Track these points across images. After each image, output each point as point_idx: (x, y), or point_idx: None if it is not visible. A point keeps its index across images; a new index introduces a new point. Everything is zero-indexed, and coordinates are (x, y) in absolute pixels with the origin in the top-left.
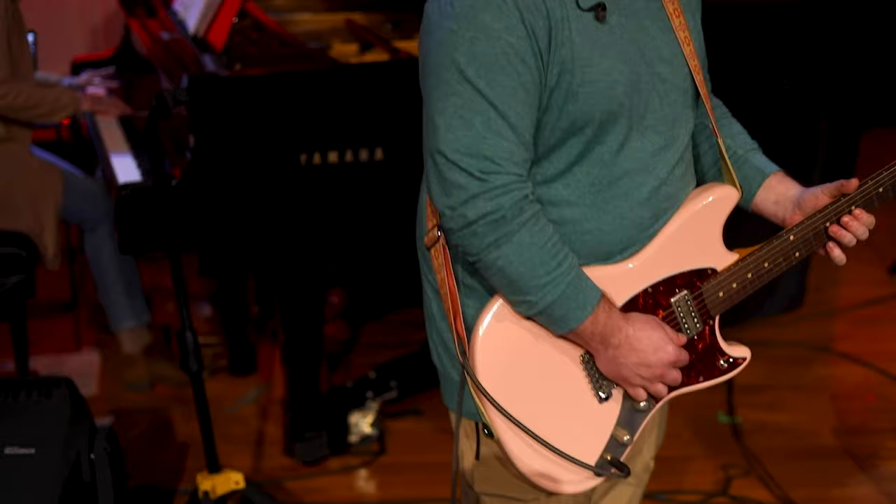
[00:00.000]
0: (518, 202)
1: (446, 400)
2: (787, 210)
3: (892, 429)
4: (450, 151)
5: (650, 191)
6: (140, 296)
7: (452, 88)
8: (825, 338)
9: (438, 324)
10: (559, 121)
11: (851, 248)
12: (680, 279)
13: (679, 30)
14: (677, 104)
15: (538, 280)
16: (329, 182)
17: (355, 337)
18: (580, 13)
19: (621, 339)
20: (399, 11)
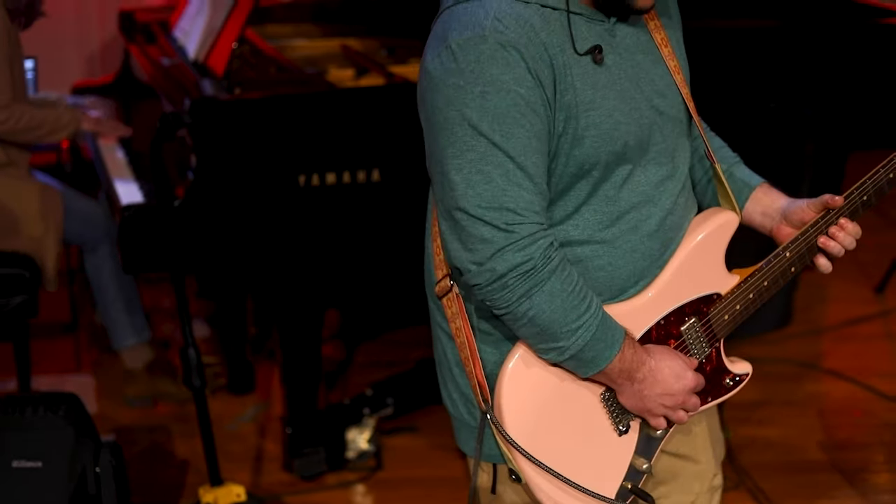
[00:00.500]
0: (546, 250)
1: (461, 445)
2: (774, 221)
3: (878, 443)
4: (471, 207)
5: (658, 222)
6: (140, 313)
7: (467, 144)
8: (813, 355)
9: (453, 370)
10: (567, 166)
11: (838, 264)
12: (688, 308)
13: (668, 59)
14: (675, 134)
15: (570, 325)
16: (327, 203)
17: (351, 357)
18: (579, 58)
19: (645, 373)
20: (394, 37)
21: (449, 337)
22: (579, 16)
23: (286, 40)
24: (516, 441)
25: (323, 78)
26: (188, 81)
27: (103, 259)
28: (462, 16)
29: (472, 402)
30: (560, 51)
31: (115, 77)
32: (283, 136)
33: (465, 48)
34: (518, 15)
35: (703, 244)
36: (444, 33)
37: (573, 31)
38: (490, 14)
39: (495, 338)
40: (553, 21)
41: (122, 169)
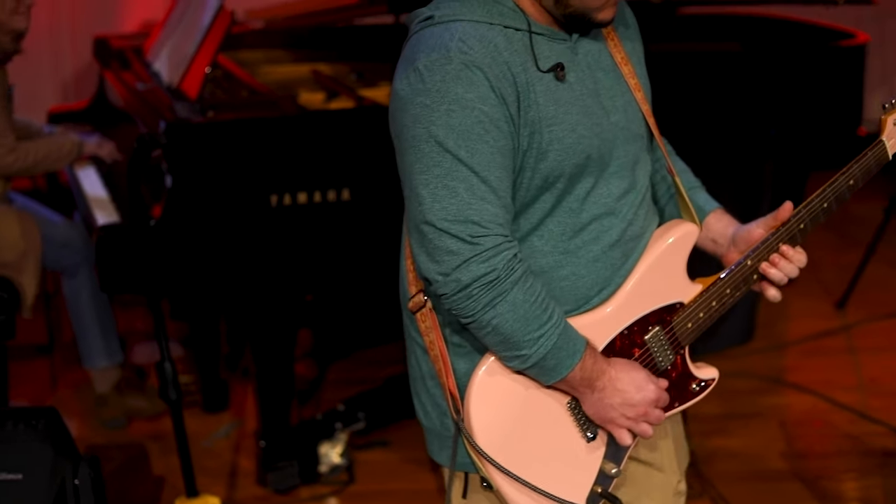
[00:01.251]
0: (509, 262)
1: (434, 455)
2: (724, 248)
3: (837, 452)
4: (438, 220)
5: (619, 233)
6: (115, 337)
7: (434, 160)
8: (776, 369)
9: (427, 382)
10: (533, 179)
11: (800, 282)
12: (652, 317)
13: (629, 77)
14: (636, 149)
15: (532, 334)
16: (299, 222)
17: (323, 374)
18: (541, 75)
19: (605, 382)
20: (363, 61)
21: (423, 350)
22: (541, 35)
23: (258, 66)
24: (486, 450)
25: (294, 101)
26: (162, 105)
27: (81, 283)
28: (429, 39)
29: (446, 413)
30: (523, 69)
31: (91, 102)
32: (256, 158)
33: (431, 69)
34: (482, 36)
35: (664, 255)
36: (413, 55)
37: (535, 50)
38: (455, 36)
39: (467, 350)
40: (516, 41)
41: (98, 190)
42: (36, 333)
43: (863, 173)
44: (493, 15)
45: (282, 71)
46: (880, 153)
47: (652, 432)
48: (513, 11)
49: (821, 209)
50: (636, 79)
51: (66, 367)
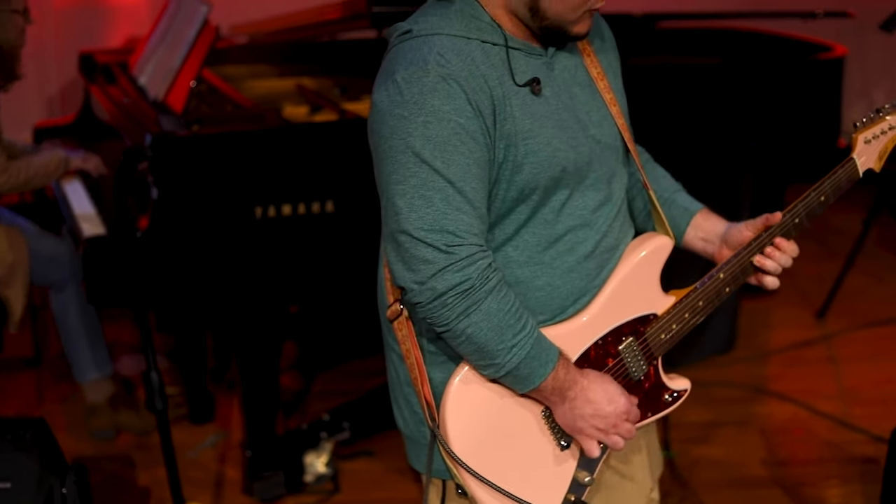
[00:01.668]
0: (484, 271)
1: (412, 462)
2: (714, 246)
3: (818, 460)
4: (414, 229)
5: (593, 244)
6: (103, 349)
7: (410, 171)
8: (757, 378)
9: (404, 389)
10: (508, 191)
11: (781, 291)
12: (625, 328)
13: (604, 92)
14: (612, 161)
15: (505, 343)
16: (283, 233)
17: (308, 386)
18: (517, 89)
19: (577, 392)
20: (346, 76)
21: (400, 358)
22: (518, 50)
23: (243, 80)
24: (461, 457)
25: (278, 114)
26: (148, 119)
27: (69, 298)
28: (408, 52)
29: (422, 420)
30: (499, 83)
31: (77, 117)
32: (240, 170)
33: (409, 81)
34: (460, 50)
35: (638, 267)
36: (391, 68)
37: (512, 65)
38: (433, 50)
39: (443, 359)
40: (493, 55)
41: (85, 203)
42: (23, 347)
43: (834, 190)
44: (470, 30)
45: (266, 85)
46: (851, 171)
47: (622, 444)
48: (490, 26)
49: (792, 224)
50: (612, 93)
51: (53, 380)
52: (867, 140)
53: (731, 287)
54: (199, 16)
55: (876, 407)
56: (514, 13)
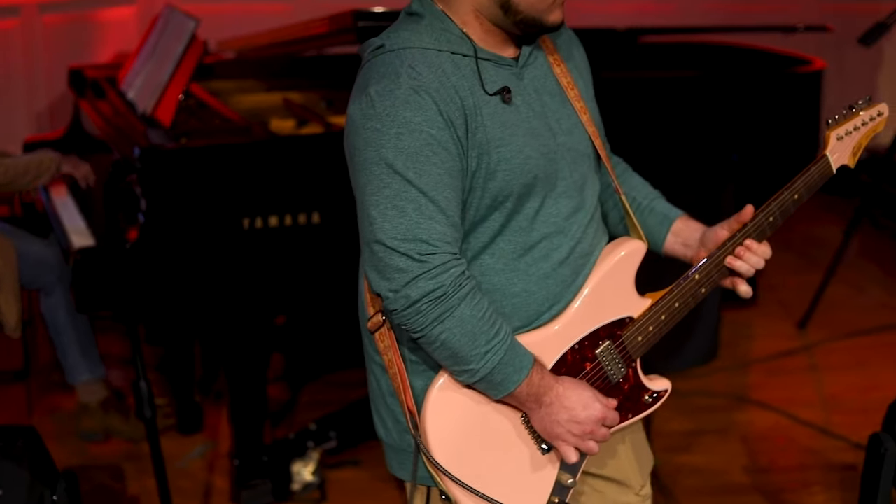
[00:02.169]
0: (457, 278)
1: (393, 470)
2: (694, 250)
3: (798, 467)
4: (388, 239)
5: (568, 250)
6: (95, 351)
7: (384, 181)
8: (739, 387)
9: (387, 399)
10: (482, 199)
11: (762, 302)
12: (602, 332)
13: (575, 101)
14: (583, 169)
15: (479, 349)
16: (270, 244)
17: (295, 397)
18: (488, 98)
19: (552, 398)
20: (332, 90)
21: (382, 369)
22: (488, 61)
23: (230, 95)
24: (443, 464)
25: (265, 128)
26: (137, 132)
27: (58, 301)
28: (380, 66)
29: (405, 429)
30: (470, 93)
31: (66, 131)
32: (228, 182)
33: (381, 94)
34: (430, 62)
35: (613, 272)
36: (365, 83)
37: (482, 75)
38: (405, 63)
39: (423, 368)
40: (464, 66)
41: (74, 216)
42: (12, 359)
43: (807, 188)
44: (440, 42)
45: (253, 99)
46: (824, 167)
47: (598, 450)
48: (460, 38)
49: (766, 223)
50: (582, 102)
51: (43, 392)
52: (840, 137)
53: (707, 288)
54: (186, 31)
55: (856, 415)
56: (485, 17)
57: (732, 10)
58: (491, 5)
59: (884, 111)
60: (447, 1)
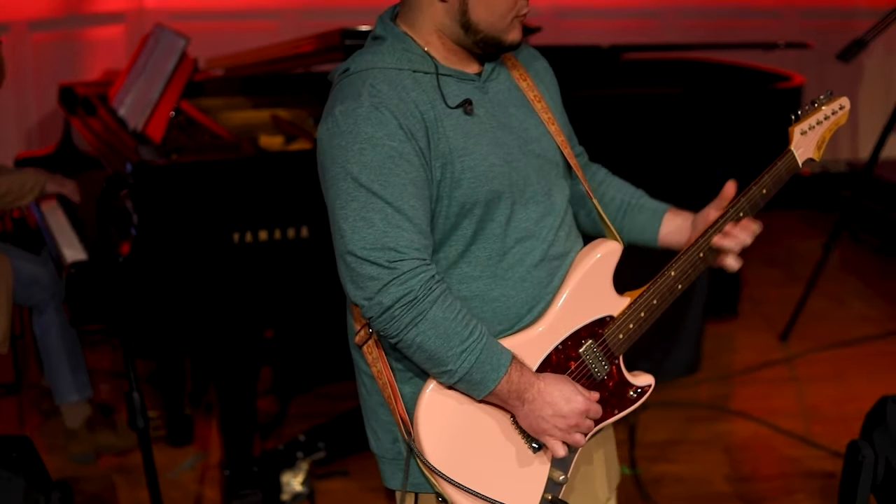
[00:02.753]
0: (426, 282)
1: (387, 481)
2: (686, 235)
3: (779, 475)
4: (358, 249)
5: (541, 253)
6: (84, 372)
7: (351, 195)
8: (721, 398)
9: (377, 410)
10: (450, 207)
11: (744, 316)
12: (584, 331)
13: (542, 112)
14: (551, 175)
15: (455, 349)
16: (261, 258)
17: (285, 410)
18: (450, 111)
19: (534, 394)
20: (319, 106)
21: (372, 380)
22: (449, 77)
23: (219, 112)
24: (438, 466)
25: (254, 144)
26: (128, 149)
27: (50, 320)
28: (346, 88)
29: (397, 438)
30: (431, 106)
31: (57, 148)
32: (219, 197)
33: (345, 114)
34: (391, 80)
35: (591, 272)
36: (332, 105)
37: (443, 90)
38: (367, 83)
39: (411, 376)
40: (425, 82)
41: (66, 231)
42: (3, 373)
43: (774, 182)
44: (402, 61)
45: (242, 116)
46: (790, 162)
47: (584, 441)
48: (421, 57)
49: (735, 218)
50: (550, 113)
51: (34, 405)
52: (803, 132)
53: (683, 284)
54: (177, 49)
55: (836, 425)
56: (447, 36)
57: (714, 27)
58: (452, 25)
59: (845, 105)
60: (410, 23)
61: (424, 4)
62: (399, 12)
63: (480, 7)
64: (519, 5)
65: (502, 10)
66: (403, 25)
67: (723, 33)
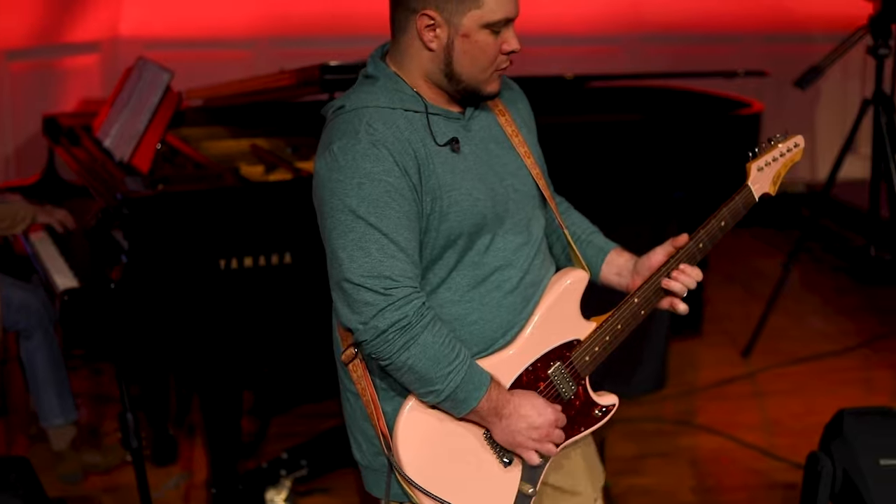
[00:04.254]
0: (419, 309)
1: (370, 489)
2: (627, 279)
3: (743, 486)
4: (355, 277)
5: (517, 281)
6: (69, 396)
7: (349, 226)
8: (686, 413)
9: (361, 424)
10: (437, 238)
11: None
12: (552, 354)
13: (519, 146)
14: (528, 207)
15: (442, 371)
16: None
17: (265, 430)
18: (439, 149)
19: (511, 410)
20: (296, 136)
21: (356, 396)
22: (437, 115)
23: (200, 141)
24: (415, 479)
25: (237, 173)
26: (115, 179)
27: (37, 345)
28: (342, 125)
29: (378, 451)
30: (422, 145)
31: (41, 177)
32: (205, 225)
33: (344, 150)
34: (386, 119)
35: (560, 299)
36: (329, 140)
37: (433, 128)
38: (363, 121)
39: (393, 395)
40: (416, 121)
41: (56, 258)
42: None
43: (732, 216)
44: (394, 101)
45: (222, 146)
46: (747, 196)
47: (556, 450)
48: (412, 97)
49: (696, 249)
50: (526, 147)
51: (20, 430)
52: (760, 168)
53: (645, 310)
54: (161, 82)
55: (797, 437)
56: (433, 82)
57: (675, 52)
58: (437, 72)
59: (800, 143)
60: (399, 64)
61: (413, 51)
62: (388, 52)
63: (464, 59)
64: (499, 60)
65: (483, 64)
66: (393, 66)
67: (684, 58)
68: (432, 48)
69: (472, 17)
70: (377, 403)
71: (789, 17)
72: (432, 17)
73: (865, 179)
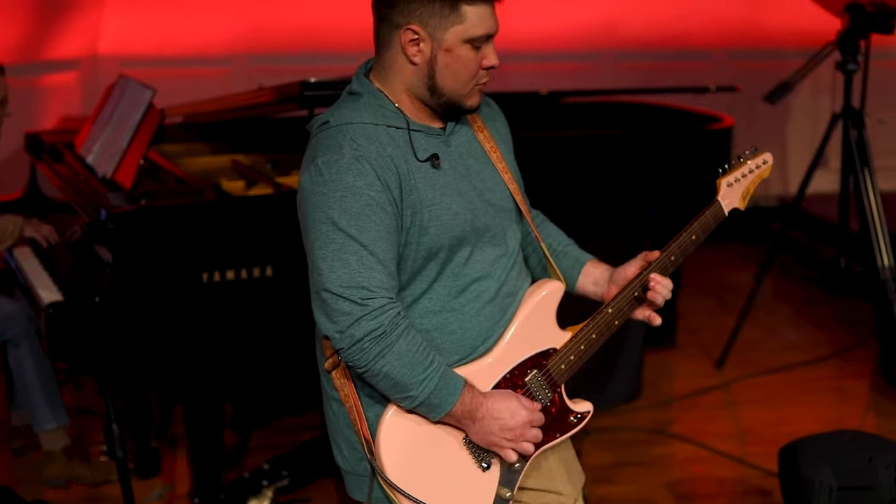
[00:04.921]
0: (394, 318)
1: (353, 493)
2: (603, 289)
3: (717, 493)
4: (334, 287)
5: (494, 291)
6: (59, 401)
7: (329, 237)
8: (661, 422)
9: (344, 430)
10: (418, 251)
11: (682, 345)
12: (529, 362)
13: (497, 162)
14: (506, 220)
15: (417, 377)
16: (228, 297)
17: (246, 442)
18: (420, 164)
19: (484, 412)
20: (276, 152)
21: (339, 404)
22: (419, 132)
23: (181, 157)
24: (397, 482)
25: (219, 188)
26: (98, 194)
27: (25, 353)
28: (326, 140)
29: (361, 456)
30: (404, 160)
31: (24, 193)
32: (187, 239)
33: (328, 164)
34: (369, 135)
35: (536, 309)
36: (313, 155)
37: (414, 144)
38: (347, 136)
39: (374, 401)
40: (398, 137)
41: (39, 273)
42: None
43: (702, 230)
44: (377, 117)
45: (202, 161)
46: (717, 211)
47: (532, 450)
48: (394, 113)
49: (668, 261)
50: (504, 162)
51: (3, 444)
52: (729, 184)
53: (619, 320)
54: (143, 100)
55: (770, 446)
56: (416, 96)
57: (648, 68)
58: (420, 86)
59: (768, 160)
60: (383, 80)
61: (398, 65)
62: (372, 68)
63: (446, 73)
64: (479, 75)
65: (465, 78)
66: (377, 82)
67: (656, 74)
68: (416, 62)
69: (454, 31)
70: (360, 410)
71: (759, 34)
72: (416, 31)
73: (835, 193)
